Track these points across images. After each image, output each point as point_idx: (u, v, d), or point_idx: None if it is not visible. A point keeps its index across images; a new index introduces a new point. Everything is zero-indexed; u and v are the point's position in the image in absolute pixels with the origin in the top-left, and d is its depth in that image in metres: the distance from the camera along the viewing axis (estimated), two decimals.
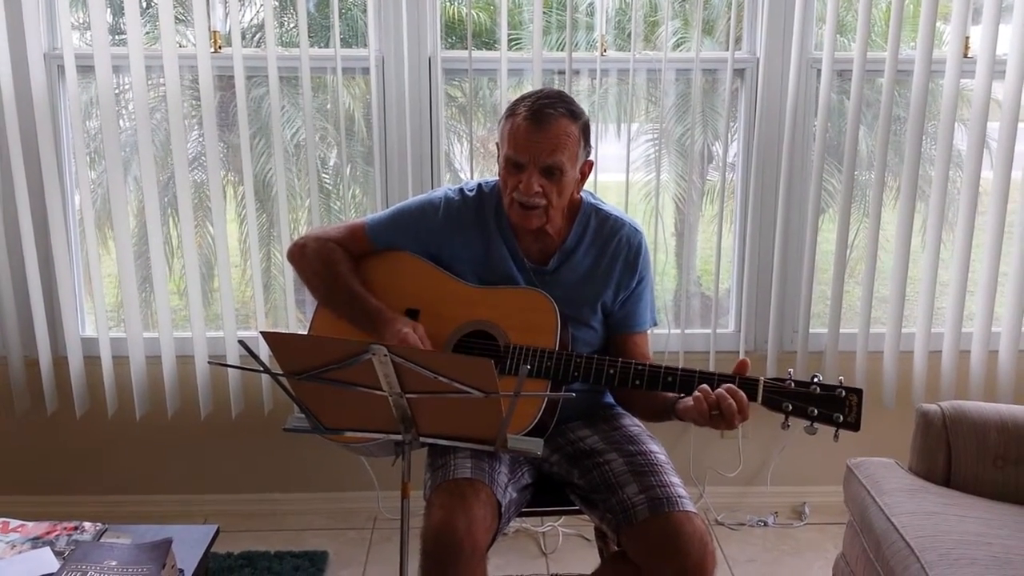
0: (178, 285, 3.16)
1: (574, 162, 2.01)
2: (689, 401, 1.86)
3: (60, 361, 2.96)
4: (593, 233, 2.12)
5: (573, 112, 2.00)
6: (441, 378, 1.53)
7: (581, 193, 2.15)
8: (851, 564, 2.30)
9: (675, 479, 1.94)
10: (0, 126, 2.77)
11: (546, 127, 1.96)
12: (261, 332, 1.58)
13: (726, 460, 3.16)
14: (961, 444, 2.26)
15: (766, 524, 3.09)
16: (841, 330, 3.00)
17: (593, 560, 2.20)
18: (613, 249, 2.12)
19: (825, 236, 3.09)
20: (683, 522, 1.83)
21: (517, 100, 2.03)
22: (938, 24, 2.82)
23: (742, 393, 1.82)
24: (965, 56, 2.83)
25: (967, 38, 2.83)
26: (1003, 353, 3.01)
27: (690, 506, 1.87)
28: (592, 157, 2.10)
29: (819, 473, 3.11)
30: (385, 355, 1.51)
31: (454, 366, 1.55)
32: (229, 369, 2.97)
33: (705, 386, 1.85)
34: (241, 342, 1.62)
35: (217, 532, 2.04)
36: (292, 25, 3.10)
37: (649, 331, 2.24)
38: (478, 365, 1.52)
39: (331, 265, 2.16)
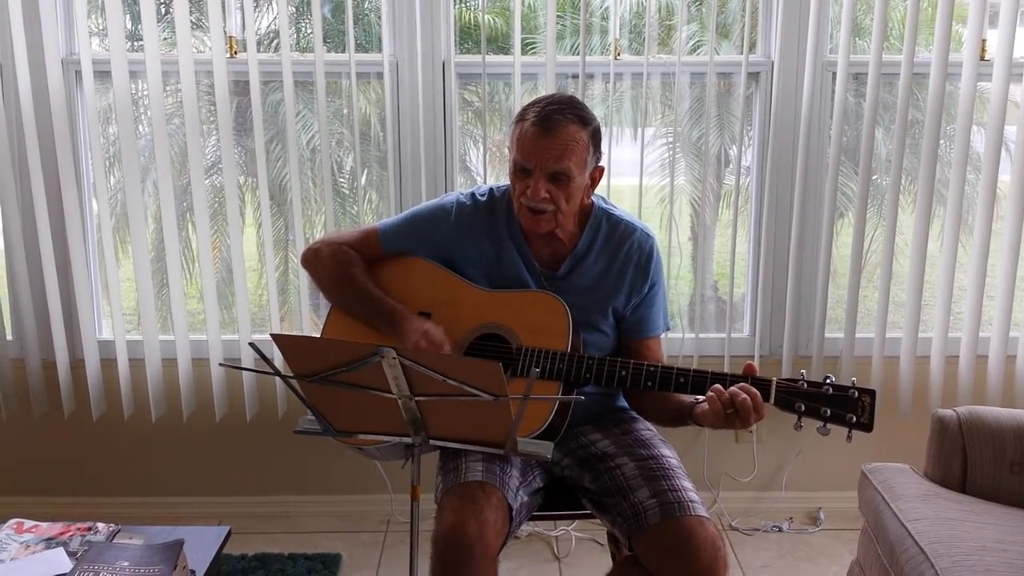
0: (198, 289, 3.18)
1: (582, 168, 2.01)
2: (706, 405, 1.86)
3: (77, 364, 2.99)
4: (604, 238, 2.12)
5: (583, 118, 2.00)
6: (450, 381, 1.53)
7: (593, 198, 2.14)
8: (866, 570, 2.28)
9: (687, 483, 1.93)
10: (18, 131, 2.80)
11: (554, 133, 1.96)
12: (271, 335, 1.59)
13: (740, 465, 3.15)
14: (977, 450, 2.24)
15: (781, 530, 3.07)
16: (857, 335, 2.98)
17: (606, 564, 2.19)
18: (624, 254, 2.11)
19: (842, 240, 3.08)
20: (695, 527, 1.82)
21: (527, 105, 2.03)
22: (955, 26, 2.80)
23: (755, 390, 1.81)
24: (982, 59, 2.81)
25: (984, 41, 2.81)
26: (1021, 358, 2.98)
27: (702, 511, 1.86)
28: (603, 163, 2.09)
29: (834, 478, 3.09)
30: (394, 358, 1.51)
31: (463, 369, 1.55)
32: (244, 372, 2.98)
33: (718, 385, 1.84)
34: (252, 345, 1.63)
35: (229, 533, 2.05)
36: (308, 31, 3.12)
37: (663, 336, 2.23)
38: (487, 368, 1.52)
39: (345, 269, 2.17)
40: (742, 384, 1.83)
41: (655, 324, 2.18)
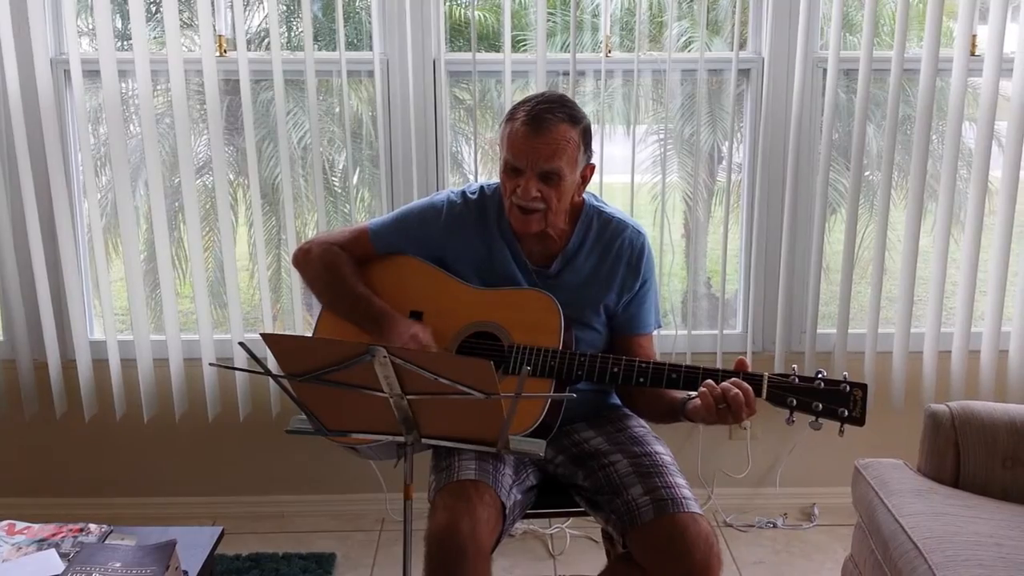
0: (189, 289, 3.17)
1: (573, 167, 2.00)
2: (698, 401, 1.85)
3: (69, 364, 2.97)
4: (595, 236, 2.12)
5: (573, 116, 1.99)
6: (441, 379, 1.53)
7: (584, 195, 2.14)
8: (860, 566, 2.28)
9: (680, 480, 1.93)
10: (7, 131, 2.79)
11: (544, 132, 1.95)
12: (262, 334, 1.58)
13: (735, 461, 3.15)
14: (970, 445, 2.24)
15: (775, 526, 3.07)
16: (849, 330, 2.98)
17: (601, 562, 2.19)
18: (616, 252, 2.11)
19: (834, 236, 3.08)
20: (688, 523, 1.82)
21: (517, 104, 2.03)
22: (945, 22, 2.80)
23: (747, 385, 1.81)
24: (972, 54, 2.81)
25: (974, 36, 2.81)
26: (1013, 353, 2.99)
27: (695, 507, 1.86)
28: (594, 160, 2.09)
29: (828, 474, 3.09)
30: (385, 357, 1.51)
31: (454, 367, 1.55)
32: (236, 372, 2.98)
33: (710, 380, 1.84)
34: (242, 344, 1.63)
35: (222, 534, 2.05)
36: (298, 29, 3.11)
37: (655, 333, 2.23)
38: (478, 366, 1.51)
39: (335, 269, 2.16)
40: (734, 379, 1.83)
41: (646, 321, 2.18)
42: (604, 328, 2.14)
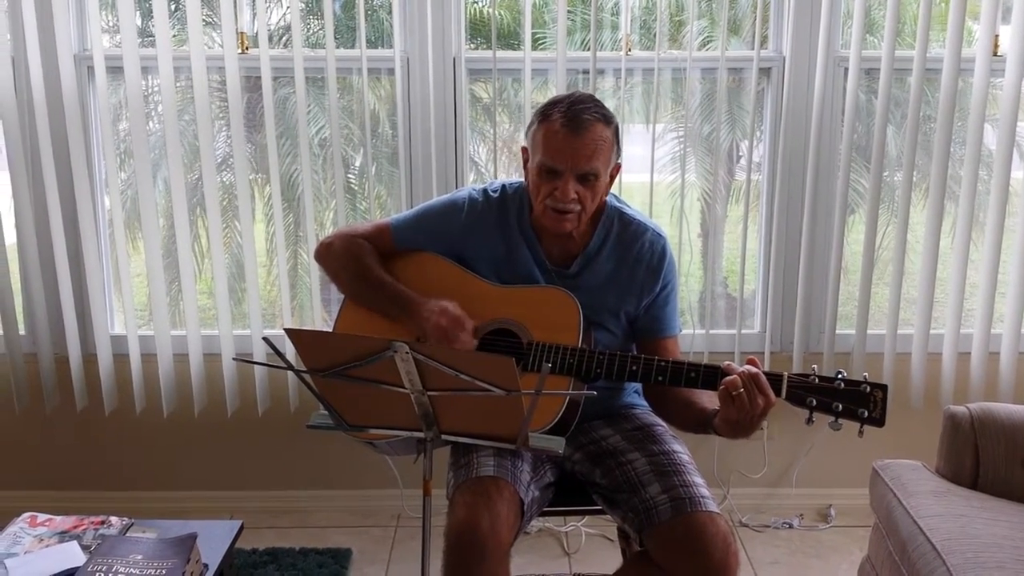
0: (208, 284, 3.19)
1: (607, 167, 2.01)
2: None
3: (90, 358, 2.99)
4: (616, 237, 2.11)
5: (606, 116, 1.99)
6: (463, 376, 1.53)
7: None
8: (877, 567, 2.28)
9: (698, 479, 1.93)
10: (31, 127, 2.82)
11: (583, 133, 1.94)
12: (285, 329, 1.59)
13: (751, 461, 3.14)
14: (989, 446, 2.23)
15: (791, 526, 3.07)
16: (868, 331, 2.97)
17: (616, 560, 2.19)
18: (635, 255, 2.11)
19: (853, 236, 3.07)
20: (706, 522, 1.82)
21: (549, 104, 2.01)
22: (967, 22, 2.79)
23: (756, 369, 1.80)
24: (994, 54, 2.80)
25: (996, 36, 2.79)
26: None
27: (713, 506, 1.86)
28: (620, 160, 2.09)
29: (845, 475, 3.08)
30: (407, 352, 1.51)
31: (476, 364, 1.55)
32: (255, 367, 2.99)
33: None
34: (266, 339, 1.64)
35: (241, 528, 2.06)
36: (319, 27, 3.13)
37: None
38: (500, 363, 1.52)
39: (359, 259, 2.16)
40: (747, 365, 1.82)
41: (671, 324, 2.17)
42: (621, 332, 2.14)
